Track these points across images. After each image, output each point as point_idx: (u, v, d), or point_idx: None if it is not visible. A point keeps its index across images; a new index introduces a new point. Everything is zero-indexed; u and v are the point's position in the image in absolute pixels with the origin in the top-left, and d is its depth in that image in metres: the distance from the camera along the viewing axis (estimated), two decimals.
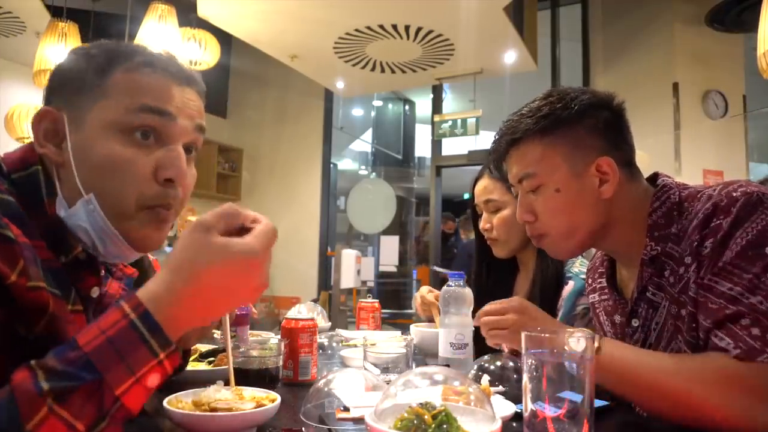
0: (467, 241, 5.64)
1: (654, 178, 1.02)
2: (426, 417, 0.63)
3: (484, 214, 1.54)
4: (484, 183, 1.55)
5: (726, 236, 0.82)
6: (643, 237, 0.95)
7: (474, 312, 1.28)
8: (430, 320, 1.66)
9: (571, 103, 0.95)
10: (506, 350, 1.18)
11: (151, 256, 1.87)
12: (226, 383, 0.87)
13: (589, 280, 1.20)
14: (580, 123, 0.95)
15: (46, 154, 0.71)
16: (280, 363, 1.12)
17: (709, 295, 0.83)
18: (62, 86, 0.73)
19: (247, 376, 1.03)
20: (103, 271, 0.81)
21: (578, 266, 1.45)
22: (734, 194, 0.84)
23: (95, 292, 0.76)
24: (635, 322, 0.99)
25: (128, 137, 0.70)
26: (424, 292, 1.67)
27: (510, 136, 0.99)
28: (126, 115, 0.70)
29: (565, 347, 0.74)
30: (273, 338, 1.47)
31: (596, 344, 0.81)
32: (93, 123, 0.70)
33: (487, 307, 0.98)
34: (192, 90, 0.78)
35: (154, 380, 0.53)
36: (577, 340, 0.80)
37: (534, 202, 0.99)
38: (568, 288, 1.42)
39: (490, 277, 1.62)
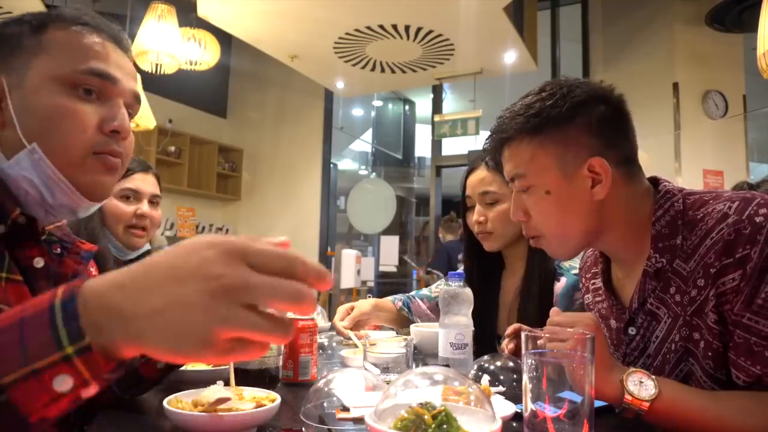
0: (447, 241, 5.63)
1: (654, 182, 0.98)
2: (426, 417, 0.63)
3: (478, 207, 1.49)
4: (481, 174, 1.50)
5: (759, 269, 0.78)
6: (641, 239, 0.93)
7: (473, 312, 1.28)
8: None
9: (562, 100, 0.91)
10: (506, 351, 1.18)
11: None
12: (226, 383, 0.87)
13: (583, 280, 1.19)
14: (572, 121, 0.91)
15: None
16: (280, 363, 1.12)
17: (750, 336, 0.79)
18: None
19: (247, 376, 1.03)
20: (58, 249, 0.79)
21: (568, 261, 1.43)
22: (757, 219, 0.79)
23: (39, 263, 0.73)
24: (632, 330, 0.97)
25: (72, 92, 0.72)
26: (338, 318, 1.62)
27: (501, 135, 0.97)
28: (71, 74, 0.72)
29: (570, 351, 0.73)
30: None
31: (655, 390, 0.78)
32: (34, 78, 0.71)
33: (558, 318, 0.90)
34: (125, 54, 0.79)
35: (62, 384, 0.42)
36: (637, 384, 0.79)
37: (526, 201, 0.97)
38: (561, 284, 1.41)
39: (478, 274, 1.59)
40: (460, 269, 1.57)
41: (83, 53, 0.73)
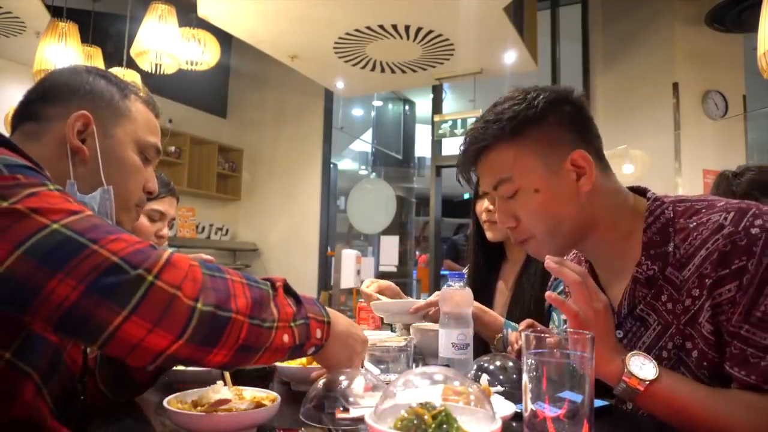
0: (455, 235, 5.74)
1: (641, 191, 0.99)
2: (426, 417, 0.63)
3: (490, 196, 1.55)
4: None
5: (758, 281, 0.78)
6: (626, 243, 0.94)
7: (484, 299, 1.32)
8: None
9: (534, 101, 0.93)
10: (516, 346, 1.18)
11: None
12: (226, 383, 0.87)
13: (562, 286, 1.20)
14: (546, 120, 0.93)
15: (76, 147, 0.85)
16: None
17: (747, 348, 0.79)
18: (87, 97, 0.89)
19: (241, 375, 1.03)
20: None
21: None
22: (752, 231, 0.80)
23: None
24: (619, 334, 0.97)
25: (141, 156, 0.94)
26: (365, 286, 1.64)
27: (478, 145, 0.97)
28: (145, 143, 0.94)
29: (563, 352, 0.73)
30: None
31: (655, 373, 0.79)
32: (123, 136, 0.91)
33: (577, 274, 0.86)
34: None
35: (318, 332, 0.78)
36: (639, 365, 0.80)
37: (514, 206, 0.96)
38: None
39: (482, 261, 1.66)
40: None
41: (152, 129, 0.96)
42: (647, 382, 0.79)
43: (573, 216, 0.94)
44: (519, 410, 0.83)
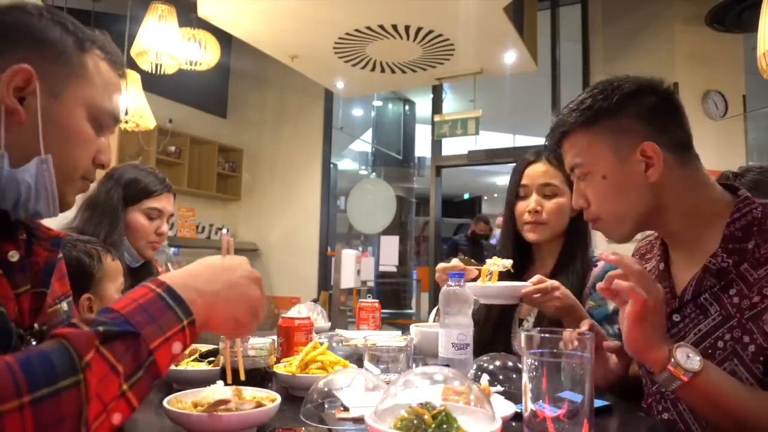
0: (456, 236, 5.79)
1: (732, 188, 1.02)
2: (426, 417, 0.63)
3: (535, 197, 1.56)
4: (543, 167, 1.58)
5: None
6: (703, 230, 0.97)
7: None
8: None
9: (612, 93, 1.00)
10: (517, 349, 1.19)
11: (160, 267, 1.91)
12: (226, 383, 0.87)
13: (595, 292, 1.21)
14: (622, 111, 0.99)
15: (11, 108, 0.71)
16: (273, 361, 1.12)
17: None
18: (33, 46, 0.74)
19: (238, 375, 1.02)
20: (24, 235, 0.79)
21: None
22: None
23: (14, 257, 0.75)
24: (676, 318, 0.99)
25: (93, 122, 0.80)
26: (440, 267, 1.61)
27: (560, 129, 1.07)
28: (100, 109, 0.80)
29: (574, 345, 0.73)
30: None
31: (700, 366, 0.82)
32: (73, 98, 0.77)
33: (632, 263, 0.89)
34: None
35: (177, 347, 0.61)
36: (685, 356, 0.82)
37: (585, 189, 1.05)
38: (597, 270, 1.48)
39: (515, 262, 1.63)
40: (454, 260, 1.59)
41: (111, 92, 0.82)
42: (691, 374, 0.81)
43: (638, 204, 1.00)
44: (519, 410, 0.83)
